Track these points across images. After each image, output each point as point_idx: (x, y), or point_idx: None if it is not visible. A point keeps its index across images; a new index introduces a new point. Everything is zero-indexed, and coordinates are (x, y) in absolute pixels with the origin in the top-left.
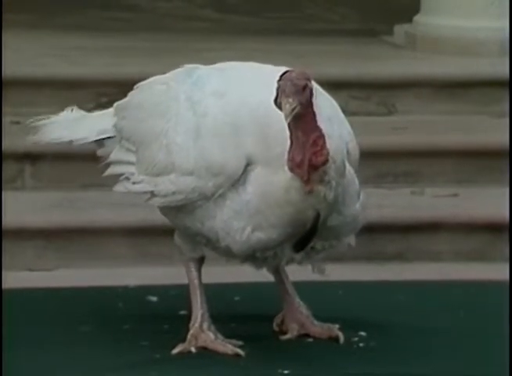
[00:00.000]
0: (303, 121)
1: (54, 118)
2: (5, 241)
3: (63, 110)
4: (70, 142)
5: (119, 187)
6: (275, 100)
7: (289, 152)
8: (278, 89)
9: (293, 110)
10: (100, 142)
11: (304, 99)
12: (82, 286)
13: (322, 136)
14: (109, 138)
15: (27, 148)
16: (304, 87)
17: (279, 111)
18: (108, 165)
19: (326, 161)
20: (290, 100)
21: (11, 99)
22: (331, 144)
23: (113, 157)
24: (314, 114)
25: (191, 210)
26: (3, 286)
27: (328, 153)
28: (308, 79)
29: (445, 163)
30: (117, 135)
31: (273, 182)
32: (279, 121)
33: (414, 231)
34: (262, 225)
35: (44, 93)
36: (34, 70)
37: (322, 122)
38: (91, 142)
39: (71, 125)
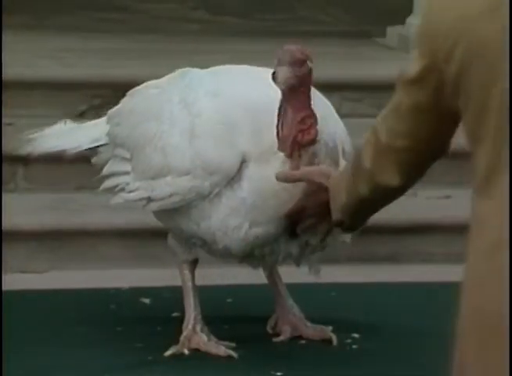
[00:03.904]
0: (295, 97)
1: (47, 130)
2: None
3: (55, 111)
4: (64, 151)
5: (117, 199)
6: (273, 73)
7: (276, 126)
8: (278, 59)
9: (287, 79)
10: (94, 150)
11: (301, 73)
12: (75, 288)
13: (312, 116)
14: (102, 145)
15: (19, 150)
16: (303, 62)
17: (272, 91)
18: (103, 179)
19: (312, 141)
20: (285, 68)
21: (3, 100)
22: (323, 127)
23: (107, 170)
24: (308, 95)
25: (186, 211)
26: None
27: (316, 134)
28: (309, 58)
29: (437, 165)
30: (110, 144)
31: (267, 172)
32: (271, 115)
33: (407, 233)
34: (260, 221)
35: (36, 95)
36: (27, 72)
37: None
38: (85, 149)
39: (64, 135)
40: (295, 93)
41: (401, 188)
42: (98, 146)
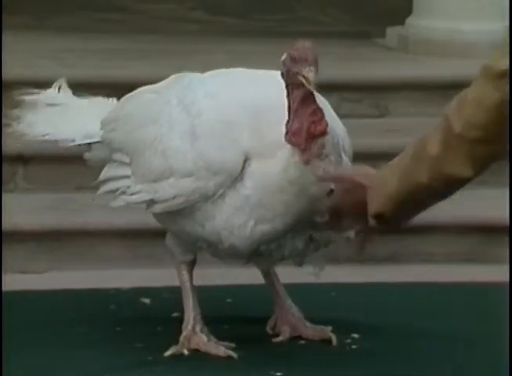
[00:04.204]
0: (304, 91)
1: (41, 96)
2: None
3: None
4: (56, 141)
5: (117, 202)
6: (286, 72)
7: (287, 124)
8: (293, 58)
9: (315, 78)
10: (88, 145)
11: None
12: (74, 288)
13: (320, 108)
14: (96, 142)
15: (19, 150)
16: (317, 58)
17: (282, 86)
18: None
19: (324, 132)
20: (313, 68)
21: (3, 100)
22: (328, 122)
23: (104, 175)
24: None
25: (189, 213)
26: None
27: (327, 124)
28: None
29: None
30: (107, 149)
31: (271, 168)
32: (271, 113)
33: (407, 233)
34: (266, 217)
35: None
36: (26, 72)
37: None
38: (78, 145)
39: (56, 120)
40: (303, 88)
41: (468, 179)
42: (91, 143)
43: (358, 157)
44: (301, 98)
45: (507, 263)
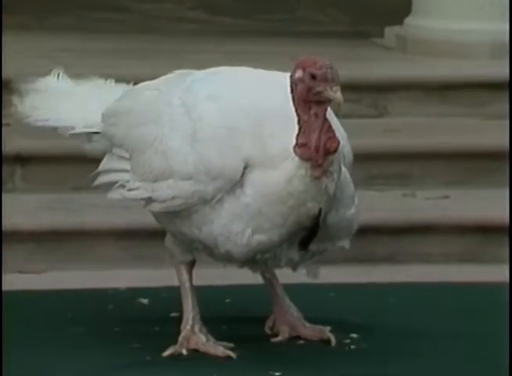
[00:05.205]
0: (318, 106)
1: (41, 84)
2: None
3: None
4: (56, 128)
5: (114, 194)
6: (307, 89)
7: (297, 137)
8: (314, 76)
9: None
10: (88, 136)
11: None
12: (73, 288)
13: (331, 125)
14: (96, 133)
15: (17, 150)
16: None
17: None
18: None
19: (337, 148)
20: (339, 88)
21: (3, 100)
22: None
23: (104, 166)
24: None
25: (187, 215)
26: None
27: (339, 141)
28: None
29: (436, 165)
30: (108, 143)
31: (273, 178)
32: (273, 121)
33: (405, 233)
34: (263, 227)
35: None
36: (26, 72)
37: None
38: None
39: (58, 106)
40: (324, 105)
41: None
42: (91, 133)
43: (357, 157)
44: (323, 115)
45: (507, 263)
